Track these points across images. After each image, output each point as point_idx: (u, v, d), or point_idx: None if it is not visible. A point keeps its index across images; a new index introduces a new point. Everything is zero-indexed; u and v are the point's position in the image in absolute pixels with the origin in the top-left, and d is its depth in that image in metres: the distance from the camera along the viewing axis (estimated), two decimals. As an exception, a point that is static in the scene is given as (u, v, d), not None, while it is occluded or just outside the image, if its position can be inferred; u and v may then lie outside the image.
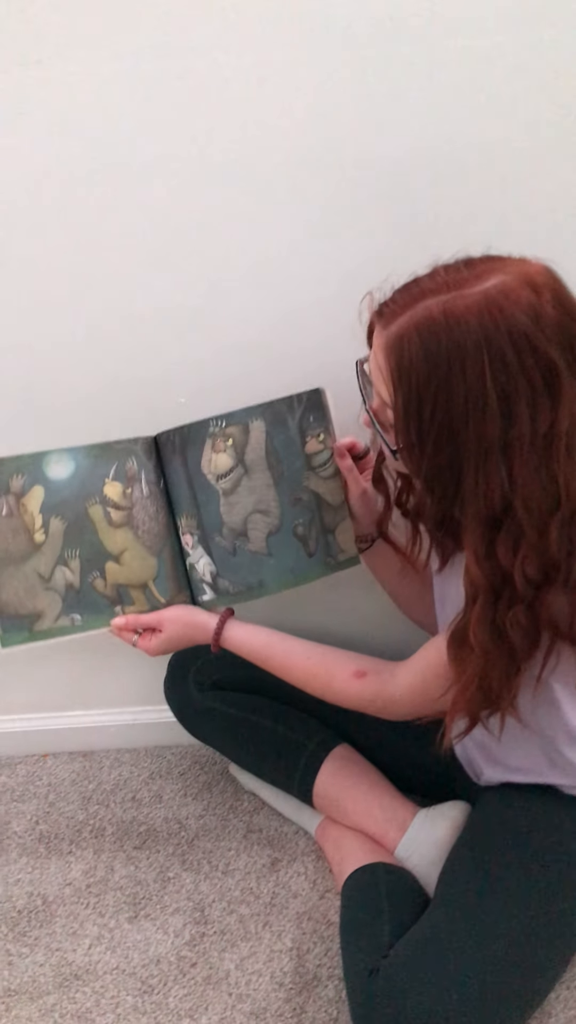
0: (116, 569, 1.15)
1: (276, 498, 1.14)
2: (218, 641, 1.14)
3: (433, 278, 0.88)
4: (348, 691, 1.11)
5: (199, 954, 1.21)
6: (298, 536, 1.14)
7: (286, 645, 1.15)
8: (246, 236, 1.18)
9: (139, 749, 1.61)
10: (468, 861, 1.10)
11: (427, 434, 0.87)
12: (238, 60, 1.08)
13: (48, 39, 1.08)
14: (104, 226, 1.18)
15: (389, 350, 0.88)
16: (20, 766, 1.60)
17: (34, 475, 1.12)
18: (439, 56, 1.07)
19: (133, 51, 1.08)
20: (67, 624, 1.14)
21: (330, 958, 1.19)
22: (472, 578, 0.90)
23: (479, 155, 1.12)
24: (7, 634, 1.13)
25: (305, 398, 1.13)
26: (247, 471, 1.13)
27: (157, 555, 1.16)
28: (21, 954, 1.23)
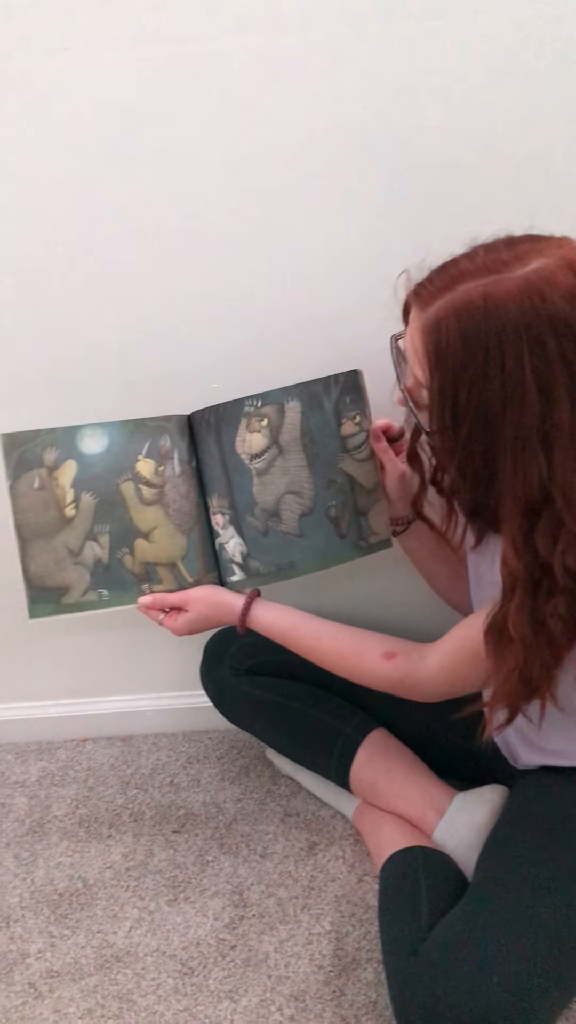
0: (145, 547, 1.15)
1: (310, 479, 1.13)
2: (244, 622, 1.14)
3: (472, 259, 0.86)
4: (378, 672, 1.10)
5: (238, 937, 1.22)
6: (330, 518, 1.14)
7: (314, 626, 1.14)
8: (280, 220, 1.17)
9: (177, 734, 1.62)
10: (507, 844, 1.10)
11: (462, 420, 0.86)
12: (268, 45, 1.08)
13: (76, 27, 1.08)
14: (138, 211, 1.18)
15: (427, 333, 0.87)
16: (60, 751, 1.62)
17: (67, 449, 1.12)
18: (471, 33, 1.06)
19: (161, 38, 1.08)
20: (94, 599, 1.14)
21: (369, 941, 1.19)
22: (510, 568, 0.89)
23: (511, 133, 1.10)
24: (35, 605, 1.13)
25: (342, 379, 1.11)
26: (281, 452, 1.13)
27: (187, 534, 1.16)
28: (63, 936, 1.25)
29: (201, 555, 1.17)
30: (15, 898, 1.32)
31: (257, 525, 1.14)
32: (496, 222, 0.90)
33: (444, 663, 1.04)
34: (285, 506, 1.13)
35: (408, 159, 1.13)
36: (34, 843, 1.42)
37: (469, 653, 0.98)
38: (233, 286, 1.22)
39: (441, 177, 1.13)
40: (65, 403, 1.31)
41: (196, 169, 1.15)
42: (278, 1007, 1.12)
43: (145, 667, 1.56)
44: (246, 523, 1.15)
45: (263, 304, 1.23)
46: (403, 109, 1.10)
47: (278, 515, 1.14)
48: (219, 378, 1.27)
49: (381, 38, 1.07)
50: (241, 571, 1.16)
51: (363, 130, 1.12)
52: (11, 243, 1.21)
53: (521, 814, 1.13)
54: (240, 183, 1.15)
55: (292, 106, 1.11)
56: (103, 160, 1.15)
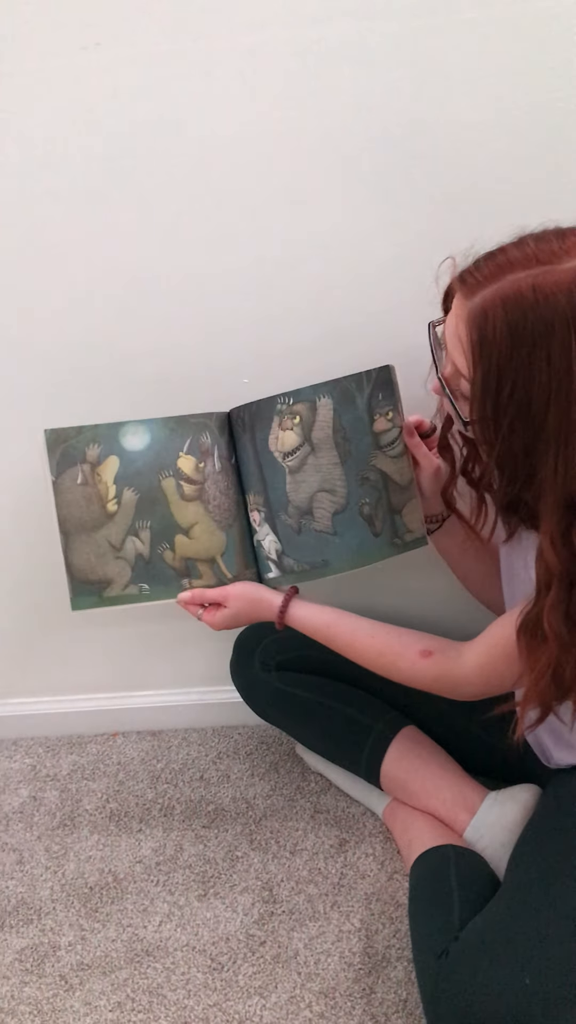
0: (185, 542, 1.16)
1: (343, 477, 1.12)
2: (282, 619, 1.14)
3: (522, 248, 0.85)
4: (414, 670, 1.09)
5: (268, 933, 1.22)
6: (364, 516, 1.13)
7: (351, 624, 1.14)
8: (312, 218, 1.17)
9: (207, 729, 1.62)
10: (539, 844, 1.09)
11: (504, 413, 0.85)
12: (293, 37, 1.07)
13: (108, 22, 1.08)
14: (168, 207, 1.18)
15: (472, 322, 0.86)
16: (90, 745, 1.63)
17: (110, 445, 1.13)
18: (496, 24, 1.05)
19: (195, 33, 1.08)
20: (135, 592, 1.15)
21: (399, 939, 1.18)
22: (547, 564, 0.88)
23: (548, 124, 1.09)
24: (77, 597, 1.15)
25: (374, 375, 1.11)
26: (314, 449, 1.12)
27: (226, 530, 1.17)
28: (94, 929, 1.25)
29: (240, 551, 1.18)
30: (46, 891, 1.33)
31: (291, 523, 1.14)
32: (537, 217, 0.89)
33: (480, 661, 1.03)
34: (318, 504, 1.13)
35: (445, 158, 1.12)
36: (65, 836, 1.43)
37: (504, 651, 0.97)
38: (267, 284, 1.22)
39: (477, 177, 1.13)
40: (104, 400, 1.31)
41: (228, 165, 1.15)
42: (307, 1004, 1.12)
43: (175, 662, 1.57)
44: (280, 521, 1.15)
45: (296, 302, 1.23)
46: (451, 107, 1.09)
47: (311, 513, 1.13)
48: (252, 375, 1.27)
49: (410, 33, 1.06)
50: (276, 568, 1.16)
51: (404, 129, 1.11)
52: (49, 240, 1.22)
53: (554, 813, 1.12)
54: (272, 180, 1.15)
55: (333, 104, 1.11)
56: (136, 157, 1.15)
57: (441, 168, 1.12)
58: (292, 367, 1.23)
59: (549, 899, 0.99)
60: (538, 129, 1.09)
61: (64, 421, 1.14)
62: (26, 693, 1.63)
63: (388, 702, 1.34)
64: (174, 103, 1.12)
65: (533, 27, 1.05)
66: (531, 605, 0.92)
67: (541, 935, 0.95)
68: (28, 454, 1.31)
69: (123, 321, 1.26)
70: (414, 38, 1.06)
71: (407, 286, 1.17)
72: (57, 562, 1.14)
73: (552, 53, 1.06)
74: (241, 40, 1.08)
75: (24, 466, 1.35)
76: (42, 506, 1.24)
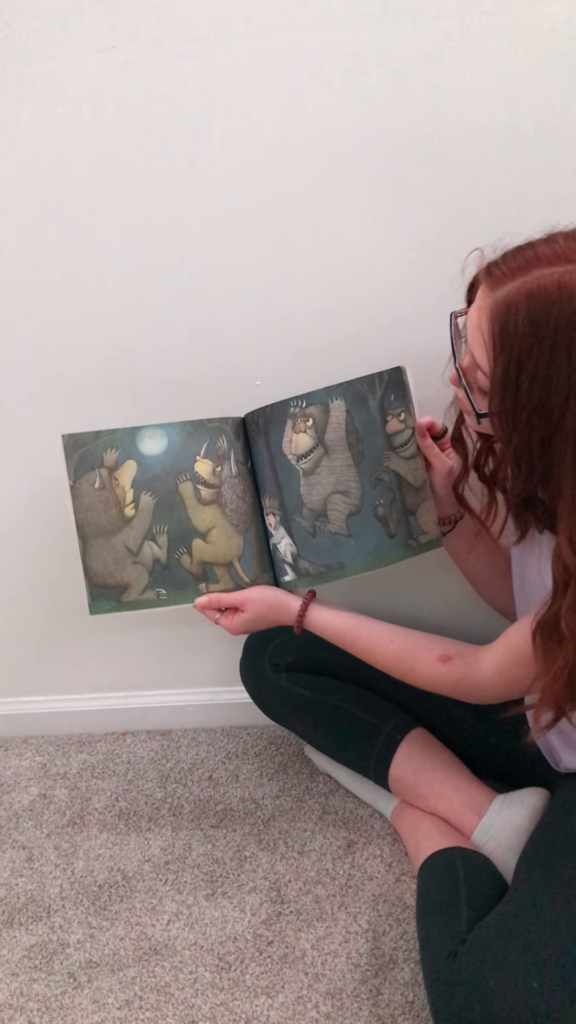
0: (203, 547, 1.16)
1: (356, 478, 1.13)
2: (301, 623, 1.14)
3: (550, 245, 0.85)
4: (433, 675, 1.10)
5: (275, 933, 1.22)
6: (379, 517, 1.13)
7: (370, 628, 1.14)
8: (319, 218, 1.17)
9: (216, 729, 1.63)
10: (547, 847, 1.09)
11: (522, 408, 0.85)
12: (306, 42, 1.08)
13: (123, 25, 1.09)
14: (180, 209, 1.19)
15: (494, 314, 0.86)
16: (100, 744, 1.63)
17: (127, 450, 1.14)
18: (499, 33, 1.05)
19: (203, 37, 1.08)
20: (152, 597, 1.16)
21: (406, 941, 1.19)
22: (565, 564, 0.87)
23: (555, 130, 1.09)
24: (95, 602, 1.16)
25: (386, 377, 1.11)
26: (327, 451, 1.12)
27: (243, 534, 1.17)
28: (102, 927, 1.26)
29: (257, 555, 1.18)
30: (55, 889, 1.33)
31: (305, 525, 1.14)
32: (540, 222, 0.89)
33: (498, 666, 1.03)
34: (332, 506, 1.13)
35: (454, 163, 1.12)
36: (74, 835, 1.43)
37: (523, 655, 0.97)
38: (279, 287, 1.22)
39: (482, 179, 1.13)
40: (118, 404, 1.32)
41: (239, 167, 1.15)
42: (314, 1004, 1.12)
43: (185, 662, 1.57)
44: (295, 524, 1.15)
45: (308, 304, 1.23)
46: (460, 112, 1.10)
47: (325, 515, 1.14)
48: (264, 378, 1.27)
49: (412, 38, 1.06)
50: (292, 571, 1.17)
51: (415, 134, 1.11)
52: (63, 243, 1.22)
53: (562, 817, 1.12)
54: (286, 183, 1.15)
55: (346, 109, 1.11)
56: (150, 160, 1.16)
57: (450, 173, 1.13)
58: (305, 369, 1.24)
59: (557, 902, 0.99)
60: (545, 135, 1.09)
61: (80, 425, 1.14)
62: (37, 692, 1.64)
63: (397, 704, 1.34)
64: (187, 107, 1.12)
65: (540, 33, 1.05)
66: (547, 606, 0.92)
67: (549, 938, 0.95)
68: (44, 458, 1.32)
69: (136, 325, 1.27)
70: (424, 44, 1.07)
71: (418, 288, 1.18)
72: (69, 563, 1.15)
73: (558, 59, 1.06)
74: (253, 45, 1.08)
75: (39, 470, 1.36)
76: (56, 509, 1.26)
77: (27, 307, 1.28)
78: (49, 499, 1.37)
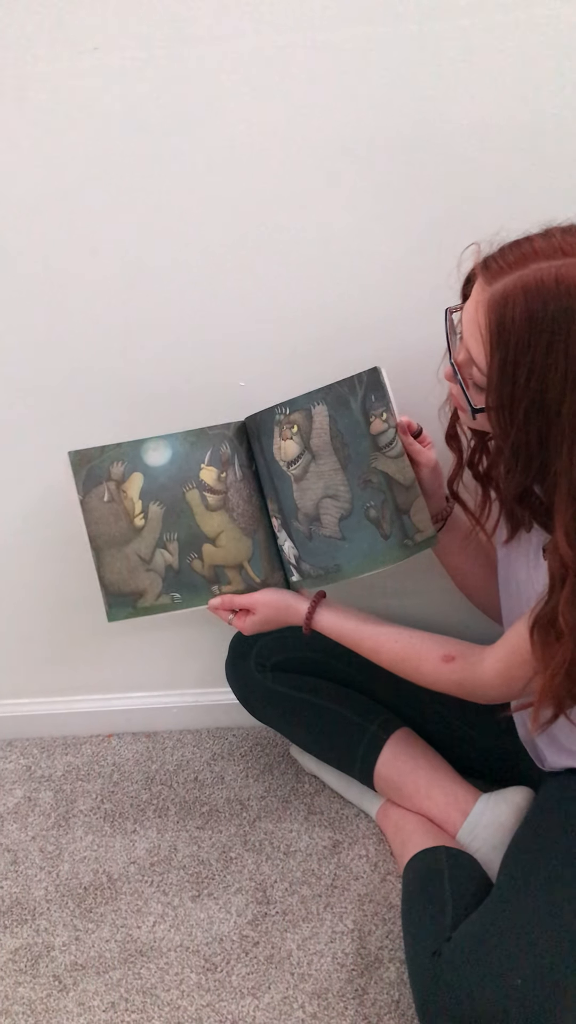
0: (213, 551, 1.18)
1: (345, 482, 1.13)
2: (309, 625, 1.16)
3: (548, 239, 0.85)
4: (437, 675, 1.10)
5: (261, 934, 1.22)
6: (371, 519, 1.13)
7: (376, 629, 1.15)
8: (313, 215, 1.17)
9: (201, 730, 1.62)
10: (531, 846, 1.09)
11: (519, 401, 0.85)
12: (297, 41, 1.07)
13: (108, 26, 1.08)
14: (163, 213, 1.18)
15: (491, 308, 0.85)
16: (85, 746, 1.63)
17: (133, 462, 1.17)
18: (497, 30, 1.05)
19: (192, 38, 1.08)
20: (167, 602, 1.19)
21: (392, 940, 1.19)
22: (562, 558, 0.87)
23: (552, 128, 1.10)
24: (112, 609, 1.18)
25: (365, 378, 1.11)
26: (314, 457, 1.13)
27: (251, 536, 1.19)
28: (88, 929, 1.26)
29: (266, 556, 1.20)
30: (40, 891, 1.33)
31: (302, 529, 1.16)
32: (528, 217, 0.89)
33: (499, 666, 1.03)
34: (324, 510, 1.14)
35: (447, 162, 1.12)
36: (59, 837, 1.43)
37: (524, 656, 0.97)
38: (268, 286, 1.22)
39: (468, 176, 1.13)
40: (122, 417, 1.32)
41: (230, 169, 1.15)
42: (300, 1004, 1.12)
43: (170, 663, 1.57)
44: (293, 528, 1.16)
45: (297, 303, 1.23)
46: (455, 111, 1.10)
47: (319, 519, 1.15)
48: (249, 378, 1.27)
49: (412, 36, 1.07)
50: (296, 572, 1.18)
51: (407, 134, 1.11)
52: (57, 247, 1.22)
53: (546, 816, 1.13)
54: (273, 183, 1.15)
55: (336, 109, 1.11)
56: (138, 163, 1.15)
57: (443, 172, 1.12)
58: (296, 369, 1.24)
59: (541, 900, 0.99)
60: (541, 133, 1.10)
61: (75, 431, 1.15)
62: (21, 694, 1.63)
63: (382, 703, 1.34)
64: (175, 108, 1.12)
65: (536, 31, 1.05)
66: (544, 602, 0.92)
67: (533, 936, 0.95)
68: (37, 467, 1.32)
69: (135, 326, 1.26)
70: (418, 42, 1.07)
71: (412, 285, 1.17)
72: (56, 567, 1.15)
73: (555, 56, 1.06)
74: (244, 45, 1.08)
75: (24, 476, 1.37)
76: (50, 516, 1.26)
77: (15, 325, 1.27)
78: (43, 506, 1.37)
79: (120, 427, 1.27)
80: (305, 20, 1.06)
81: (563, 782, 1.14)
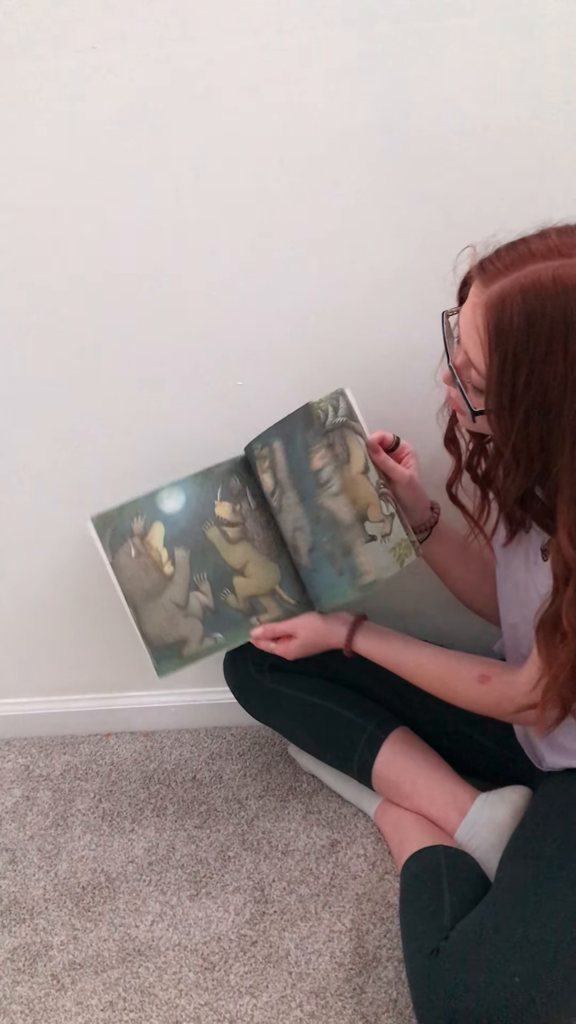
0: (243, 582, 1.20)
1: (304, 515, 1.14)
2: (349, 648, 1.18)
3: (544, 240, 0.85)
4: (473, 695, 1.11)
5: (259, 933, 1.22)
6: (327, 553, 1.14)
7: (414, 652, 1.16)
8: (312, 217, 1.17)
9: (199, 730, 1.63)
10: (529, 845, 1.09)
11: (519, 403, 0.84)
12: (294, 43, 1.07)
13: (105, 25, 1.08)
14: (161, 215, 1.18)
15: (489, 309, 0.85)
16: (83, 745, 1.63)
17: (151, 513, 1.18)
18: (494, 32, 1.05)
19: (190, 37, 1.08)
20: (212, 644, 1.20)
21: (389, 939, 1.19)
22: (566, 559, 0.87)
23: (551, 130, 1.10)
24: (161, 664, 1.19)
25: (299, 414, 1.11)
26: (283, 490, 1.15)
27: (277, 561, 1.21)
28: (86, 929, 1.26)
29: (295, 577, 1.21)
30: (39, 890, 1.33)
31: (294, 558, 1.19)
32: (529, 219, 0.89)
33: (535, 678, 1.02)
34: (298, 541, 1.17)
35: (445, 166, 1.12)
36: (57, 836, 1.43)
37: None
38: (265, 290, 1.22)
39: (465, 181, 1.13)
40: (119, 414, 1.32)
41: (229, 172, 1.15)
42: (298, 1003, 1.12)
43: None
44: (292, 555, 1.20)
45: (293, 308, 1.23)
46: (453, 113, 1.10)
47: (298, 550, 1.17)
48: (242, 375, 1.27)
49: (405, 37, 1.07)
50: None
51: (404, 136, 1.11)
52: (41, 246, 1.22)
53: (544, 815, 1.13)
54: (272, 185, 1.15)
55: (334, 111, 1.10)
56: (132, 165, 1.15)
57: (443, 174, 1.12)
58: (288, 370, 1.24)
59: (539, 899, 0.99)
60: (541, 134, 1.10)
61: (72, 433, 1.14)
62: (20, 693, 1.63)
63: (381, 703, 1.34)
64: (174, 110, 1.12)
65: (535, 32, 1.05)
66: (548, 603, 0.92)
67: (530, 935, 0.96)
68: (25, 486, 1.33)
69: (134, 328, 1.26)
70: (415, 44, 1.07)
71: (413, 287, 1.17)
72: (53, 567, 1.14)
73: (555, 58, 1.06)
74: (240, 45, 1.08)
75: (25, 496, 1.38)
76: (41, 517, 1.26)
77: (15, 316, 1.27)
78: (38, 510, 1.37)
79: (120, 427, 1.27)
80: (305, 20, 1.06)
81: (561, 782, 1.14)
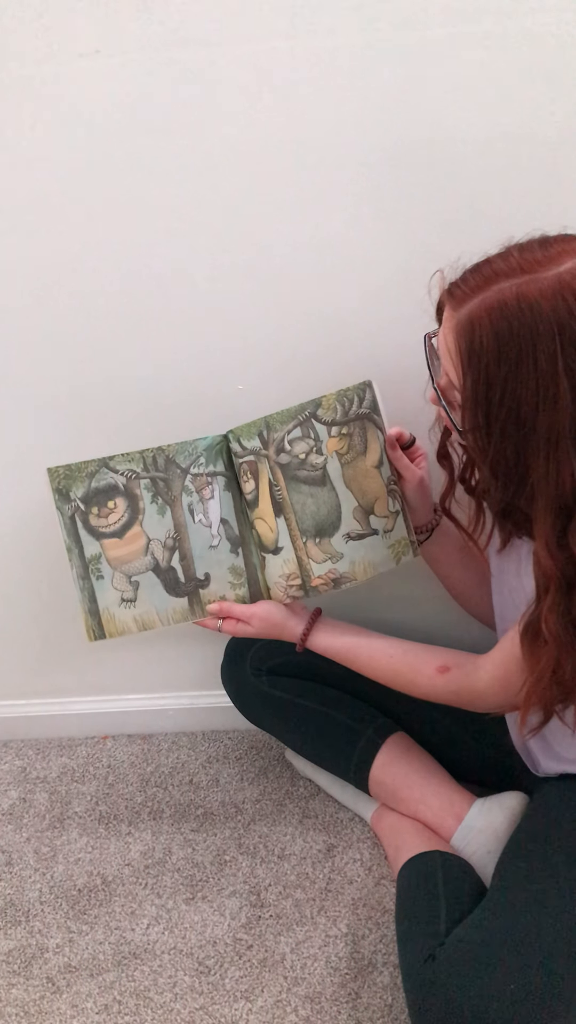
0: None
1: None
2: (303, 644, 1.17)
3: (506, 259, 0.86)
4: (433, 686, 1.11)
5: (255, 937, 1.22)
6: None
7: (370, 646, 1.16)
8: (312, 225, 1.17)
9: (197, 733, 1.63)
10: (526, 851, 1.09)
11: (495, 419, 0.86)
12: (296, 48, 1.08)
13: (108, 29, 1.09)
14: (161, 219, 1.18)
15: (460, 333, 0.87)
16: (80, 748, 1.63)
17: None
18: (495, 40, 1.06)
19: (192, 41, 1.08)
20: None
21: (385, 945, 1.19)
22: (543, 568, 0.88)
23: (547, 138, 1.10)
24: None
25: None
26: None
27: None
28: (81, 931, 1.26)
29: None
30: (34, 893, 1.33)
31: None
32: (526, 225, 0.90)
33: (496, 673, 1.04)
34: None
35: (444, 173, 1.13)
36: (54, 838, 1.43)
37: (520, 662, 0.97)
38: (265, 294, 1.22)
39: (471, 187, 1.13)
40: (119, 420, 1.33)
41: (230, 176, 1.15)
42: (293, 1008, 1.12)
43: (166, 666, 1.57)
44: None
45: (293, 312, 1.23)
46: (452, 121, 1.10)
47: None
48: (244, 379, 1.27)
49: (404, 43, 1.07)
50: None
51: (404, 143, 1.11)
52: (41, 251, 1.22)
53: (541, 821, 1.13)
54: (272, 190, 1.15)
55: (334, 117, 1.11)
56: (134, 169, 1.15)
57: (443, 181, 1.13)
58: (289, 374, 1.24)
59: (535, 905, 0.99)
60: (542, 143, 1.10)
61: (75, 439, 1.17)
62: (17, 695, 1.63)
63: (378, 708, 1.34)
64: (175, 114, 1.12)
65: (534, 42, 1.06)
66: (531, 609, 0.93)
67: (527, 941, 0.95)
68: (31, 480, 1.32)
69: (133, 329, 1.26)
70: (419, 51, 1.07)
71: (405, 296, 1.17)
72: (50, 566, 1.14)
73: (557, 66, 1.07)
74: (243, 51, 1.08)
75: (23, 496, 1.38)
76: (41, 523, 1.27)
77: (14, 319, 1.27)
78: (36, 512, 1.37)
79: (119, 431, 1.27)
80: (307, 27, 1.06)
81: (557, 788, 1.14)
